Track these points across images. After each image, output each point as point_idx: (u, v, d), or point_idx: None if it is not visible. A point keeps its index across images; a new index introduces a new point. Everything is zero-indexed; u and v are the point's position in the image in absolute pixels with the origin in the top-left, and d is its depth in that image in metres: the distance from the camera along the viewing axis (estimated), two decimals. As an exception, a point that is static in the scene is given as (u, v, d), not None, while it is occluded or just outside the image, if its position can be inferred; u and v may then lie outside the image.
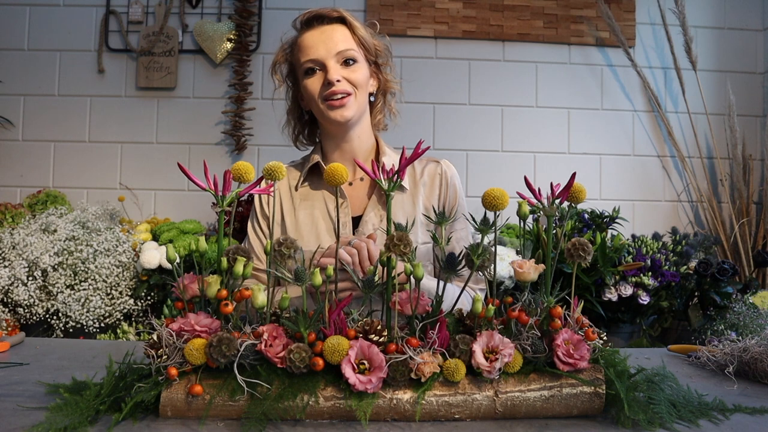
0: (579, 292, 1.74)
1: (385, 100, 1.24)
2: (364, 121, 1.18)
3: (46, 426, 0.60)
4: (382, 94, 1.23)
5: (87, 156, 2.39)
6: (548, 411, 0.70)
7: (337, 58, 1.10)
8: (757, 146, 2.50)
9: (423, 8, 2.43)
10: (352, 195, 1.18)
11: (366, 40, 1.15)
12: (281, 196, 1.20)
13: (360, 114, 1.15)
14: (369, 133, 1.21)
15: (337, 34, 1.12)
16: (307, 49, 1.12)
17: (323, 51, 1.10)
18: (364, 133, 1.19)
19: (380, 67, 1.21)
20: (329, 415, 0.68)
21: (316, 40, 1.11)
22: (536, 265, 0.73)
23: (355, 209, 1.16)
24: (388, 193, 0.74)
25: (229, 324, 0.70)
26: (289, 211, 1.18)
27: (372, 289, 0.74)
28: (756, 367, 0.91)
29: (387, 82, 1.22)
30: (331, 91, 1.09)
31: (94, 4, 2.41)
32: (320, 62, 1.10)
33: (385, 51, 1.20)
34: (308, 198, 1.18)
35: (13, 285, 1.82)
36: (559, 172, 2.43)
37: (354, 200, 1.17)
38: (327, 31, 1.12)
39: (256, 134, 2.42)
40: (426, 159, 1.23)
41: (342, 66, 1.11)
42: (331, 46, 1.10)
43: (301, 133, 1.27)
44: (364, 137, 1.19)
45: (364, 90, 1.15)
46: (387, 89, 1.23)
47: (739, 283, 1.96)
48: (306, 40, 1.12)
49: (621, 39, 2.37)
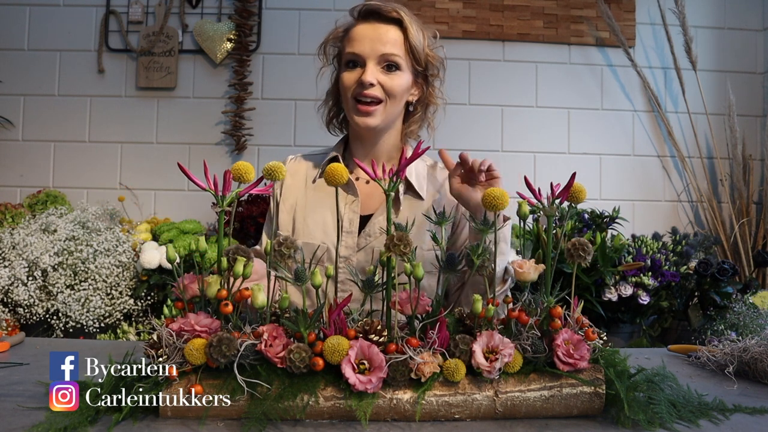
0: (579, 292, 1.74)
1: (425, 112, 1.19)
2: (393, 129, 1.15)
3: (46, 426, 0.60)
4: (422, 106, 1.18)
5: (87, 156, 2.39)
6: (548, 411, 0.70)
7: (379, 59, 1.07)
8: (757, 146, 2.50)
9: (423, 8, 2.43)
10: (366, 193, 1.15)
11: (417, 48, 1.10)
12: (297, 187, 1.18)
13: (388, 123, 1.12)
14: (397, 139, 1.17)
15: (388, 36, 1.08)
16: (354, 41, 1.09)
17: (368, 48, 1.07)
18: (391, 138, 1.16)
19: (428, 79, 1.16)
20: (329, 415, 0.68)
21: (365, 35, 1.08)
22: (536, 265, 0.73)
23: (365, 208, 1.14)
24: (388, 193, 0.74)
25: (229, 324, 0.70)
26: (302, 201, 1.16)
27: (372, 289, 0.74)
28: (756, 367, 0.91)
29: (431, 96, 1.17)
30: (362, 93, 1.07)
31: (94, 4, 2.41)
32: (362, 59, 1.08)
33: (437, 63, 1.16)
34: (322, 191, 1.16)
35: (13, 285, 1.82)
36: (559, 172, 2.40)
37: (367, 199, 1.15)
38: (379, 30, 1.08)
39: (256, 134, 2.42)
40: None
41: (382, 70, 1.08)
42: (377, 46, 1.07)
43: (336, 117, 1.22)
44: (390, 142, 1.16)
45: (399, 99, 1.11)
46: (429, 102, 1.18)
47: (739, 283, 1.96)
48: (357, 32, 1.10)
49: (621, 39, 2.37)
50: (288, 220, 1.15)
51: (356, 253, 1.09)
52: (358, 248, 1.09)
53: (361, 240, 1.09)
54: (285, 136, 2.44)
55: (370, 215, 1.12)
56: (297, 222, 1.14)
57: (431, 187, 1.16)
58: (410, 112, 1.18)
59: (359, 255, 1.09)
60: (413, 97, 1.16)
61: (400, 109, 1.14)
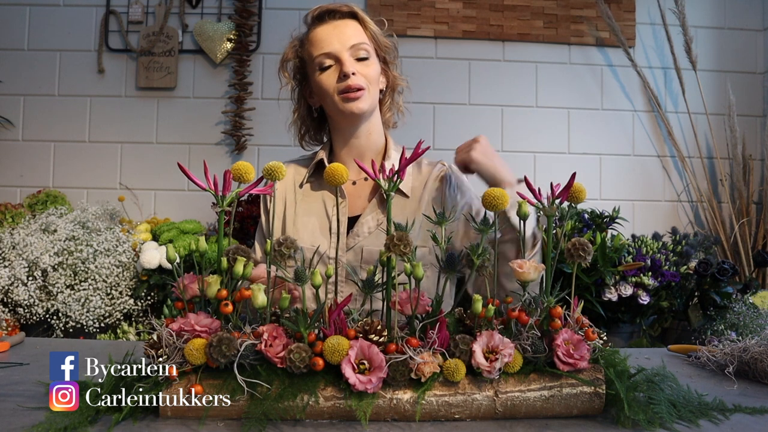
0: (579, 292, 1.74)
1: (393, 97, 1.23)
2: (374, 118, 1.17)
3: (46, 426, 0.60)
4: (390, 92, 1.22)
5: (87, 156, 2.39)
6: (548, 411, 0.70)
7: (351, 51, 1.10)
8: (757, 146, 2.50)
9: (423, 8, 2.42)
10: (353, 194, 1.17)
11: (377, 36, 1.15)
12: (286, 192, 1.19)
13: (372, 109, 1.15)
14: (379, 130, 1.20)
15: (350, 29, 1.11)
16: (320, 42, 1.10)
17: (337, 44, 1.09)
18: (374, 130, 1.18)
19: (388, 65, 1.20)
20: (329, 415, 0.68)
21: (329, 34, 1.10)
22: (536, 265, 0.73)
23: (353, 209, 1.15)
24: (388, 194, 0.74)
25: (229, 324, 0.70)
26: (291, 207, 1.18)
27: (372, 289, 0.74)
28: (756, 367, 0.91)
29: (395, 79, 1.21)
30: (346, 85, 1.08)
31: (94, 4, 2.41)
32: (334, 55, 1.09)
33: (392, 49, 1.20)
34: (310, 195, 1.18)
35: (13, 285, 1.82)
36: (559, 172, 2.42)
37: (354, 200, 1.16)
38: (340, 26, 1.11)
39: (256, 134, 2.42)
40: (427, 162, 1.21)
41: (356, 61, 1.10)
42: (344, 40, 1.09)
43: (308, 133, 1.25)
44: (374, 134, 1.18)
45: (376, 86, 1.14)
46: (395, 86, 1.22)
47: (739, 283, 1.96)
48: (318, 35, 1.11)
49: (621, 39, 2.37)
50: (278, 226, 1.18)
51: (345, 253, 1.11)
52: (347, 248, 1.11)
53: (349, 240, 1.11)
54: (285, 136, 2.41)
55: (357, 216, 1.14)
56: (287, 226, 1.16)
57: (416, 183, 1.18)
58: (381, 100, 1.21)
59: (348, 255, 1.11)
60: (382, 84, 1.19)
61: (377, 95, 1.17)
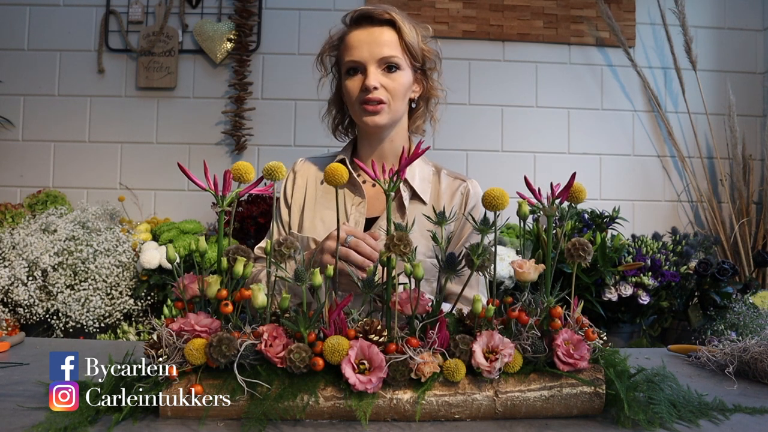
0: (579, 292, 1.74)
1: (427, 106, 1.22)
2: (399, 126, 1.17)
3: (46, 426, 0.60)
4: (424, 100, 1.21)
5: (87, 156, 2.39)
6: (548, 411, 0.70)
7: (379, 63, 1.09)
8: (757, 146, 2.50)
9: (423, 8, 2.43)
10: (373, 196, 1.17)
11: (413, 46, 1.12)
12: (307, 185, 1.21)
13: (394, 121, 1.14)
14: (403, 136, 1.19)
15: (384, 38, 1.09)
16: (352, 48, 1.10)
17: (366, 54, 1.08)
18: (398, 137, 1.17)
19: (426, 73, 1.18)
20: (329, 415, 0.68)
21: (361, 41, 1.09)
22: (536, 265, 0.73)
23: (372, 210, 1.15)
24: (388, 194, 0.74)
25: (229, 324, 0.70)
26: (311, 200, 1.19)
27: (372, 289, 0.74)
28: (756, 367, 0.91)
29: (431, 89, 1.20)
30: (366, 98, 1.08)
31: (94, 4, 2.41)
32: (362, 65, 1.09)
33: (434, 57, 1.18)
34: (330, 191, 1.18)
35: (13, 285, 1.82)
36: (559, 172, 2.42)
37: (374, 201, 1.16)
38: (374, 34, 1.10)
39: (256, 134, 2.42)
40: (454, 176, 1.21)
41: (383, 72, 1.09)
42: (375, 51, 1.08)
43: (341, 124, 1.25)
44: (397, 141, 1.17)
45: (402, 99, 1.12)
46: (430, 96, 1.21)
47: (739, 283, 1.97)
48: (352, 39, 1.11)
49: (621, 39, 2.37)
50: (296, 219, 1.19)
51: None
52: None
53: None
54: (285, 136, 2.44)
55: (376, 218, 1.14)
56: (305, 220, 1.17)
57: (435, 192, 1.18)
58: (413, 108, 1.20)
59: None
60: (415, 94, 1.18)
61: (405, 107, 1.16)
